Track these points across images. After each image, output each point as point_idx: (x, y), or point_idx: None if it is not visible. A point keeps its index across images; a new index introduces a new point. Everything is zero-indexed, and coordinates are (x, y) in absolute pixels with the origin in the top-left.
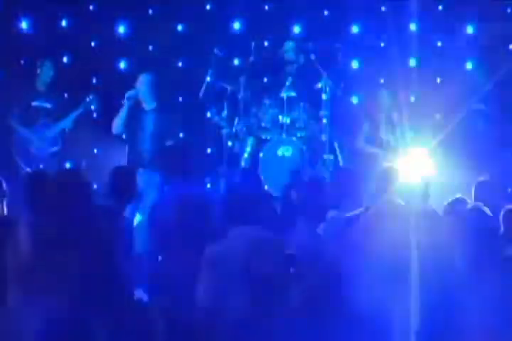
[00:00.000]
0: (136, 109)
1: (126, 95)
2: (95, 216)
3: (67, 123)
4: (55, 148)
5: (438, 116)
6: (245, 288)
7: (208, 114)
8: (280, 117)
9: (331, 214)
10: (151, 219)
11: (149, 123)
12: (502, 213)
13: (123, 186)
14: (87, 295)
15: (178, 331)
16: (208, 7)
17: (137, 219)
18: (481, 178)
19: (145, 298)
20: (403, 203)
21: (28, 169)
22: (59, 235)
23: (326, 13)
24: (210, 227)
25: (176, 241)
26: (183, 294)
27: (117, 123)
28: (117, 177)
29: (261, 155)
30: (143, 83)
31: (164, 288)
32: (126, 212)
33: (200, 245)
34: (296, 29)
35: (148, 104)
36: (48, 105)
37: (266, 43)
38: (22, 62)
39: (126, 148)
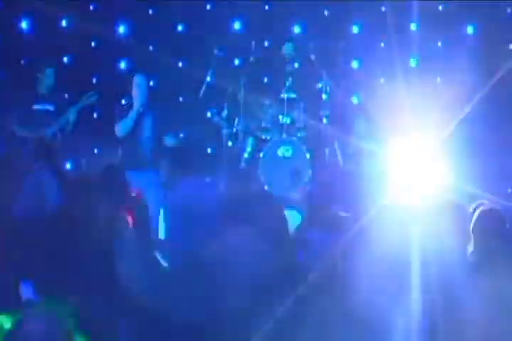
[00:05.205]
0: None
1: (137, 104)
2: None
3: (66, 119)
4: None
5: (438, 116)
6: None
7: (208, 114)
8: (280, 117)
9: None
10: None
11: (148, 124)
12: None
13: (113, 186)
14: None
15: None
16: (208, 7)
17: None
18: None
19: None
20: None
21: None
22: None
23: (326, 13)
24: (209, 227)
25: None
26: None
27: (125, 127)
28: (107, 177)
29: (261, 155)
30: (141, 86)
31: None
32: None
33: (199, 244)
34: (296, 29)
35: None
36: (50, 108)
37: (266, 43)
38: (22, 62)
39: (121, 149)
